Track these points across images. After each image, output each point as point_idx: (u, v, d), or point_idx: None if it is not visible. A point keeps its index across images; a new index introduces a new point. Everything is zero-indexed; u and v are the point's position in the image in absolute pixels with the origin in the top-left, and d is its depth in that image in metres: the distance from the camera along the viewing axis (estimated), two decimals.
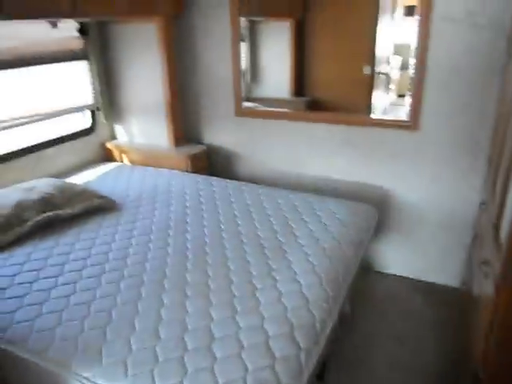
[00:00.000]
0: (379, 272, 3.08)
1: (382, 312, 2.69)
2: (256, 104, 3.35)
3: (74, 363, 1.47)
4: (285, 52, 3.40)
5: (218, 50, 3.11)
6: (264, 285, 1.84)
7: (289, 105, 3.36)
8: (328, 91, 3.32)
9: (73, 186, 2.60)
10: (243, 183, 2.96)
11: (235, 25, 2.99)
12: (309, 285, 1.84)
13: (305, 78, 3.39)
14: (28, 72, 2.75)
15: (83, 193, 2.55)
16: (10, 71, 2.62)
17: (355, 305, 2.62)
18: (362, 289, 2.83)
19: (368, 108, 3.11)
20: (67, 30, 2.94)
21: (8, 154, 2.78)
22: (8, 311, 1.71)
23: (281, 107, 3.26)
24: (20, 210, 2.27)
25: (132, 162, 3.39)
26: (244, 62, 3.23)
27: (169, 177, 3.05)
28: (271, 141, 3.17)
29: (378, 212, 2.63)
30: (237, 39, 3.04)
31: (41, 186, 2.51)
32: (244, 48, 3.25)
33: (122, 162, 3.43)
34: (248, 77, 3.41)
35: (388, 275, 3.05)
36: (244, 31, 3.22)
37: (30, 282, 1.88)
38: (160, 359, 1.46)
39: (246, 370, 1.41)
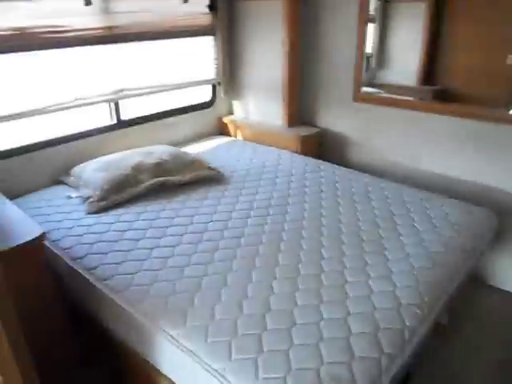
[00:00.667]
0: (492, 287, 2.77)
1: (486, 331, 2.42)
2: (378, 90, 3.18)
3: (162, 320, 1.57)
4: (417, 36, 3.13)
5: (343, 31, 2.99)
6: (355, 279, 1.76)
7: (414, 93, 3.12)
8: (461, 81, 3.01)
9: (186, 155, 2.74)
10: (351, 170, 2.85)
11: (364, 4, 2.84)
12: (404, 287, 1.71)
13: (436, 65, 3.10)
14: (157, 44, 2.93)
15: (195, 162, 2.68)
16: (141, 43, 2.82)
17: (456, 318, 2.39)
18: (468, 302, 2.57)
19: (508, 103, 2.75)
20: (197, 6, 3.06)
21: (134, 119, 3.03)
22: (114, 262, 1.88)
23: (405, 95, 3.04)
24: (137, 172, 2.46)
25: (245, 137, 3.47)
26: (370, 45, 3.07)
27: (278, 156, 3.06)
28: (387, 129, 2.99)
29: (499, 219, 2.34)
30: (364, 20, 2.89)
31: (158, 152, 2.68)
32: (372, 30, 3.08)
33: (235, 136, 3.53)
34: (373, 61, 3.24)
35: (502, 291, 2.72)
36: (374, 12, 3.04)
37: (136, 240, 2.04)
38: (239, 333, 1.49)
39: (322, 361, 1.37)
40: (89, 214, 2.27)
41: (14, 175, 2.49)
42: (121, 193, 2.38)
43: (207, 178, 2.65)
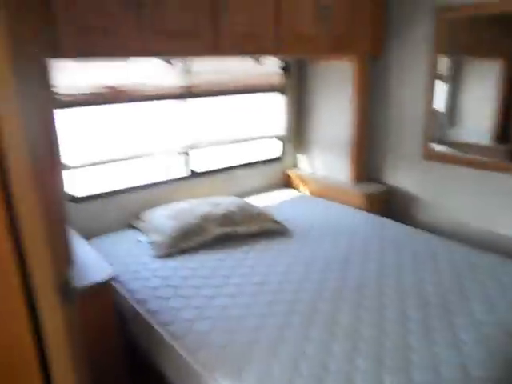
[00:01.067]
0: None
1: None
2: (448, 148, 3.12)
3: (218, 371, 1.57)
4: (491, 93, 3.08)
5: (411, 88, 3.01)
6: (420, 344, 1.67)
7: (487, 152, 3.02)
8: None
9: (252, 207, 2.81)
10: (418, 230, 2.77)
11: (434, 62, 2.86)
12: (474, 357, 1.59)
13: None
14: (231, 100, 3.12)
15: (260, 215, 2.74)
16: (216, 98, 3.03)
17: None
18: None
19: None
20: (270, 67, 3.25)
21: (206, 170, 3.18)
22: (176, 308, 1.93)
23: (477, 154, 2.95)
24: (205, 222, 2.56)
25: (310, 191, 3.51)
26: (441, 103, 3.05)
27: (342, 212, 3.05)
28: (458, 189, 2.89)
29: None
30: (433, 77, 2.89)
31: (225, 203, 2.78)
32: (443, 87, 3.07)
33: (300, 190, 3.57)
34: (444, 119, 3.20)
35: None
36: (444, 70, 3.04)
37: (199, 287, 2.09)
38: None
39: None
40: (156, 258, 2.38)
41: (93, 217, 2.68)
42: (188, 240, 2.47)
43: (272, 230, 2.69)
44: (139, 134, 2.76)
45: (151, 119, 2.78)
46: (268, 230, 2.68)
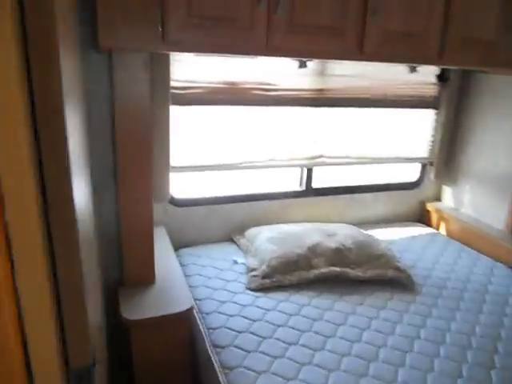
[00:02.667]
0: None
1: None
2: None
3: None
4: None
5: None
6: None
7: None
8: None
9: (373, 245, 2.30)
10: None
11: None
12: None
13: None
14: (366, 112, 2.61)
15: (381, 258, 2.21)
16: (351, 109, 2.54)
17: None
18: None
19: None
20: (425, 75, 2.64)
21: (325, 188, 2.75)
22: (256, 370, 1.55)
23: None
24: (312, 255, 2.14)
25: (450, 233, 2.85)
26: None
27: (491, 269, 2.38)
28: None
29: None
30: None
31: (341, 234, 2.32)
32: None
33: (438, 229, 2.93)
34: None
35: None
36: None
37: (289, 344, 1.68)
38: None
39: None
40: (247, 289, 2.03)
41: (193, 224, 2.44)
42: (288, 274, 2.08)
43: (393, 280, 2.15)
44: (257, 139, 2.41)
45: (273, 124, 2.41)
46: (387, 278, 2.15)
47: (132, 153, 1.69)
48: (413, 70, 2.40)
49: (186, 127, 2.27)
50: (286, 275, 2.07)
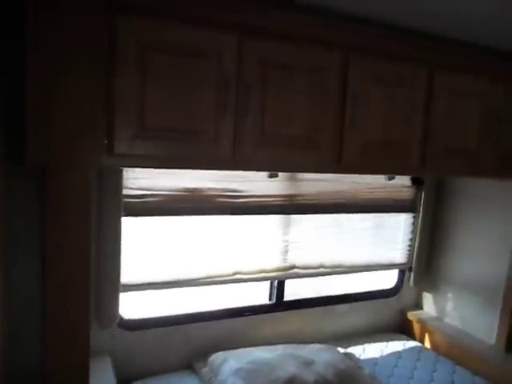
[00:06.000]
0: None
1: None
2: None
3: None
4: None
5: None
6: None
7: None
8: None
9: (356, 375, 1.98)
10: None
11: None
12: None
13: None
14: (345, 218, 2.42)
15: None
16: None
17: None
18: None
19: None
20: (400, 178, 2.51)
21: (297, 301, 2.47)
22: None
23: None
24: None
25: (434, 346, 2.58)
26: None
27: None
28: None
29: None
30: None
31: (320, 363, 1.99)
32: None
33: (421, 341, 2.65)
34: None
35: None
36: None
37: None
38: None
39: None
40: None
41: (146, 350, 2.05)
42: None
43: None
44: (220, 250, 2.14)
45: (238, 233, 2.16)
46: None
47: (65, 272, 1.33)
48: (391, 178, 2.25)
49: (141, 238, 1.98)
50: None
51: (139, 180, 1.89)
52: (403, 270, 2.74)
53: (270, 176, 1.98)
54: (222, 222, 2.10)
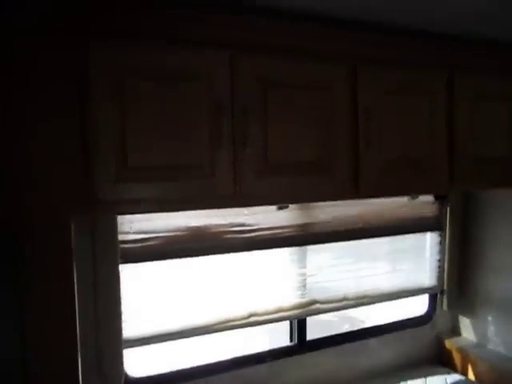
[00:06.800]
0: None
1: None
2: None
3: None
4: None
5: None
6: None
7: None
8: None
9: None
10: None
11: None
12: None
13: None
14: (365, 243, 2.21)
15: None
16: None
17: None
18: None
19: None
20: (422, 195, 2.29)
21: (322, 339, 2.24)
22: None
23: None
24: None
25: (479, 377, 2.31)
26: None
27: None
28: None
29: None
30: None
31: None
32: None
33: (464, 372, 2.38)
34: None
35: None
36: None
37: None
38: None
39: None
40: None
41: None
42: None
43: None
44: (229, 291, 1.93)
45: (250, 271, 1.95)
46: None
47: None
48: (414, 197, 2.04)
49: (143, 286, 1.79)
50: None
51: (135, 223, 1.72)
52: (434, 295, 2.50)
53: (279, 208, 1.78)
54: (231, 260, 1.90)
